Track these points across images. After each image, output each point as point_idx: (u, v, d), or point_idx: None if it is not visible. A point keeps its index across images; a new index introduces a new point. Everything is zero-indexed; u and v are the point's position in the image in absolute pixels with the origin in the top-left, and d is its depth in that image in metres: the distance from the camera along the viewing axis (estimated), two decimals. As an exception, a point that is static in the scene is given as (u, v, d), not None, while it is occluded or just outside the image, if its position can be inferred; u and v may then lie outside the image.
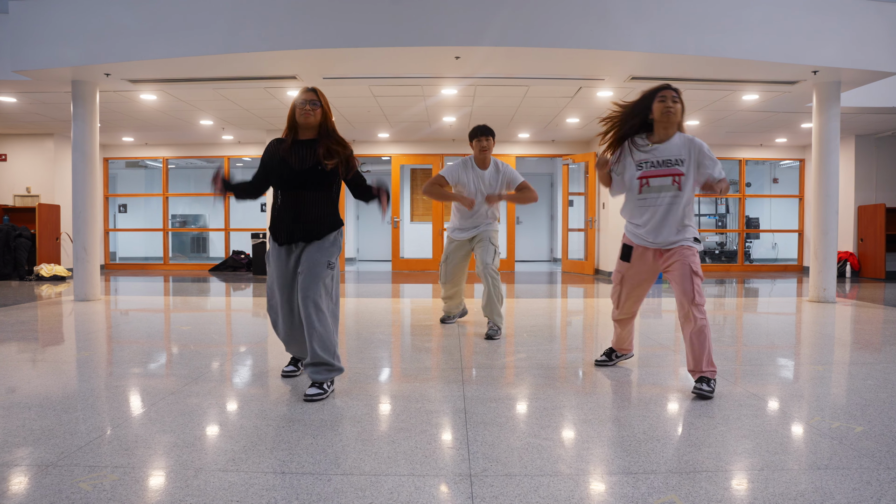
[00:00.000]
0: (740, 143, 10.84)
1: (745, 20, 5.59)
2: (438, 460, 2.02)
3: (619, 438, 2.24)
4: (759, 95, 7.13)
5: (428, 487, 1.81)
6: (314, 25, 5.44)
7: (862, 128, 9.33)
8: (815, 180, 6.58)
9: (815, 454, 2.08)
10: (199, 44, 5.63)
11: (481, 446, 2.14)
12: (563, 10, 5.30)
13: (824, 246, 6.53)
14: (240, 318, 5.86)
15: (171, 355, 3.74)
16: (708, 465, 1.96)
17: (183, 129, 9.68)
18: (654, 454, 2.06)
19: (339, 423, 2.40)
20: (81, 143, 6.52)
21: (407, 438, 2.22)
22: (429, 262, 11.28)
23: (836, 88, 6.40)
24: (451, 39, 5.30)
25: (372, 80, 6.53)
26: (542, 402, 2.68)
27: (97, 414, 2.50)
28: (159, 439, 2.19)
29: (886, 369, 3.37)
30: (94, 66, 5.98)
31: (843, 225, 10.20)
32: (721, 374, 3.17)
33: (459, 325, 4.78)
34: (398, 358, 3.68)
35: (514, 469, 1.95)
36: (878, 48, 5.93)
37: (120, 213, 13.97)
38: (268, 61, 5.90)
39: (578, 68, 6.05)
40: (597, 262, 10.35)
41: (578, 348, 4.04)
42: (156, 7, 5.67)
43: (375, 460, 2.02)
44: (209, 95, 7.38)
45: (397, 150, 11.06)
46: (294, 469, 1.94)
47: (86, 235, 6.59)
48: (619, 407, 2.65)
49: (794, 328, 5.16)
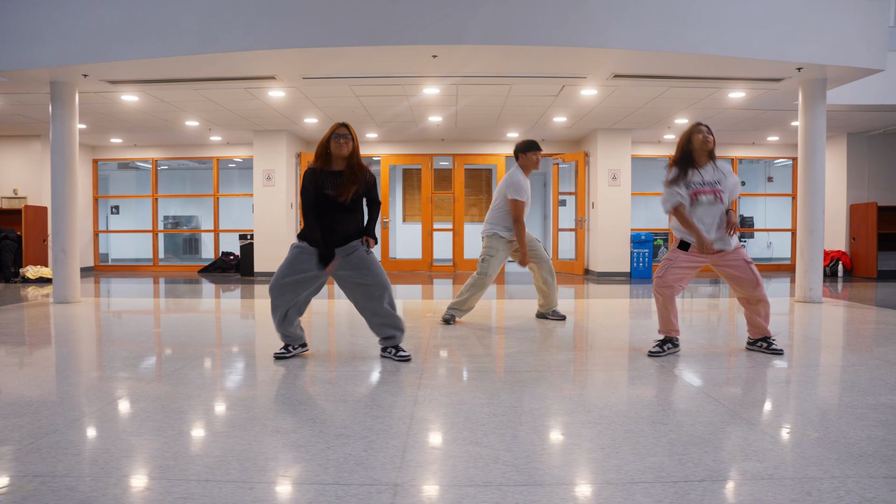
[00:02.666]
0: (732, 141, 10.75)
1: (727, 17, 5.51)
2: (369, 468, 1.95)
3: (564, 448, 2.17)
4: (745, 93, 7.05)
5: (348, 497, 1.75)
6: (291, 25, 5.38)
7: (854, 126, 9.23)
8: (801, 178, 6.50)
9: (762, 462, 2.01)
10: (175, 44, 5.59)
11: (417, 454, 2.08)
12: (540, 8, 5.23)
13: (810, 245, 6.44)
14: (211, 319, 5.80)
15: (128, 358, 3.69)
16: (646, 477, 1.89)
17: (170, 130, 9.64)
18: (595, 464, 2.00)
19: (281, 428, 2.35)
20: (60, 145, 6.48)
21: (344, 445, 2.16)
22: (418, 262, 11.22)
23: (821, 86, 6.32)
24: (428, 38, 5.24)
25: (352, 79, 6.47)
26: (494, 408, 2.61)
27: (38, 420, 2.44)
28: (92, 445, 2.13)
29: (857, 372, 3.30)
30: (72, 67, 5.94)
31: (835, 224, 10.11)
32: (685, 377, 3.10)
33: (433, 328, 4.72)
34: (360, 361, 3.62)
35: (444, 479, 1.88)
36: (862, 45, 5.84)
37: (112, 214, 13.96)
38: (246, 61, 5.84)
39: (559, 66, 5.98)
40: (586, 261, 10.27)
41: (549, 352, 3.97)
42: (131, 7, 5.62)
43: (306, 467, 1.96)
44: (191, 96, 7.34)
45: (386, 151, 11.00)
46: (219, 477, 1.88)
47: (65, 237, 6.55)
48: (572, 413, 2.58)
49: (777, 329, 5.07)
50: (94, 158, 11.50)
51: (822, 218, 6.46)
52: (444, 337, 4.36)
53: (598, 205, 9.75)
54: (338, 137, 3.32)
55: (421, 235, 11.21)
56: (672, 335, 3.66)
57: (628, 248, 9.64)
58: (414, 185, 13.13)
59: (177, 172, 14.38)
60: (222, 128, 9.51)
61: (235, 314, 6.21)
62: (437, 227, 11.13)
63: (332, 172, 3.35)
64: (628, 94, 7.17)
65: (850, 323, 5.21)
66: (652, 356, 3.61)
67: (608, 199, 9.68)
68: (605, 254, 9.68)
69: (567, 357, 3.79)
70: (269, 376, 3.23)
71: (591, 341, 4.37)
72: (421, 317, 5.45)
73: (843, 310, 5.94)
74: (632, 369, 3.38)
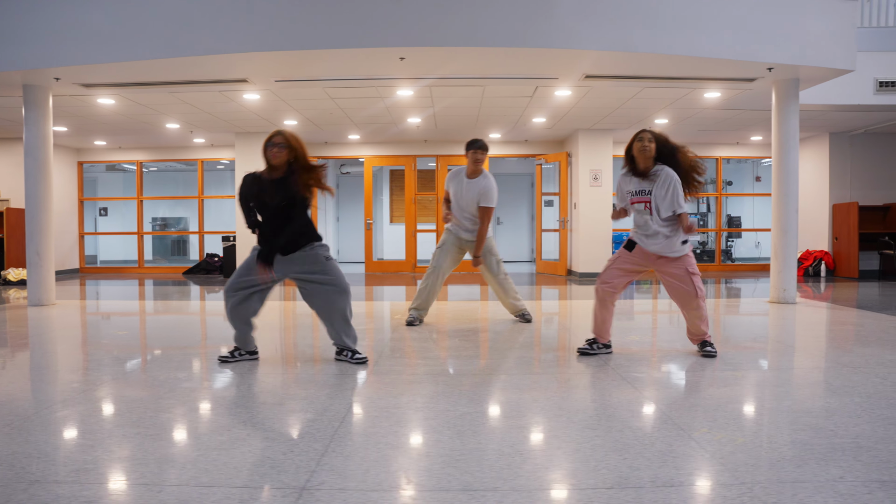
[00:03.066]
0: (716, 141, 10.75)
1: (697, 17, 5.51)
2: (282, 472, 1.95)
3: (483, 453, 2.17)
4: (720, 93, 7.05)
5: (252, 501, 1.75)
6: (260, 29, 5.38)
7: (835, 126, 9.23)
8: (775, 178, 6.50)
9: (678, 469, 2.01)
10: (147, 48, 5.58)
11: (335, 457, 2.08)
12: (506, 10, 5.23)
13: (784, 245, 6.44)
14: (179, 321, 5.80)
15: (86, 361, 3.68)
16: (556, 484, 1.89)
17: (152, 132, 9.64)
18: (508, 470, 1.99)
19: (211, 430, 2.34)
20: (34, 148, 6.48)
21: (266, 448, 2.17)
22: (401, 263, 11.21)
23: (794, 86, 6.31)
24: (394, 41, 5.24)
25: (325, 81, 6.47)
26: (427, 413, 2.61)
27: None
28: (14, 450, 2.13)
29: (806, 376, 3.30)
30: (43, 70, 5.94)
31: (818, 223, 10.11)
32: (628, 381, 3.10)
33: (395, 330, 4.72)
34: (312, 364, 3.61)
35: (353, 483, 1.88)
36: (832, 46, 5.84)
37: (101, 216, 13.97)
38: (217, 65, 5.84)
39: (530, 68, 5.97)
40: (569, 262, 10.27)
41: (501, 355, 3.96)
42: (102, 10, 5.62)
43: (220, 470, 1.96)
44: (167, 99, 7.34)
45: (369, 152, 11.00)
46: (134, 479, 1.89)
47: (39, 240, 6.55)
48: (504, 418, 2.57)
49: (740, 331, 5.07)
50: (80, 161, 11.51)
51: (796, 218, 6.46)
52: (402, 339, 4.36)
53: (579, 205, 9.75)
54: (272, 146, 3.30)
55: (404, 237, 11.20)
56: (601, 340, 3.71)
57: (610, 249, 9.63)
58: (401, 186, 13.13)
59: (166, 174, 14.38)
60: (204, 130, 9.51)
61: (205, 316, 6.20)
62: (420, 229, 11.13)
63: (272, 180, 3.34)
64: (604, 94, 7.17)
65: (818, 325, 5.20)
66: (582, 354, 3.67)
67: (590, 200, 9.68)
68: (586, 254, 9.67)
69: (516, 360, 3.78)
70: (217, 378, 3.22)
71: (548, 344, 4.37)
72: (385, 318, 5.45)
73: (814, 311, 5.93)
74: (578, 373, 3.38)
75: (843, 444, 2.22)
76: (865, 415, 2.56)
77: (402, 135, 10.04)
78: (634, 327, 5.04)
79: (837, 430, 2.38)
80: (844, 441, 2.24)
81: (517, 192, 14.17)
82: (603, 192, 9.67)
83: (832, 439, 2.27)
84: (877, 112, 8.08)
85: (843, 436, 2.31)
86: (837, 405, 2.71)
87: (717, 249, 11.50)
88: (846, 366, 3.52)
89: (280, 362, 3.65)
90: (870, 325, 5.02)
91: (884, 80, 7.32)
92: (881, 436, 2.30)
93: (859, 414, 2.57)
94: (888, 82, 7.33)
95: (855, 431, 2.35)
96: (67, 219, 11.28)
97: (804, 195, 10.43)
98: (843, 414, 2.58)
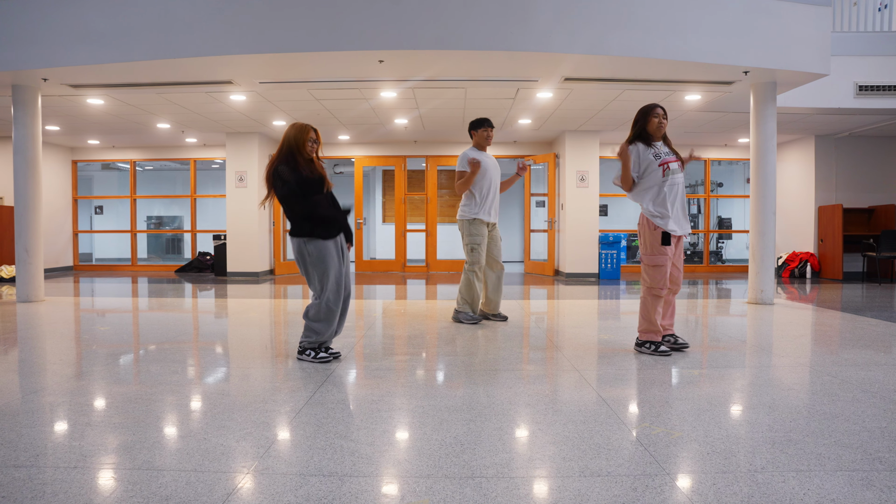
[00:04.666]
0: (704, 143, 10.83)
1: (673, 21, 5.60)
2: (231, 457, 2.05)
3: (423, 443, 2.25)
4: (700, 96, 7.13)
5: (197, 483, 1.85)
6: (243, 31, 5.48)
7: (821, 128, 9.31)
8: (753, 180, 6.58)
9: (609, 461, 2.09)
10: (133, 49, 5.68)
11: (286, 445, 2.19)
12: (482, 14, 5.32)
13: (761, 247, 6.52)
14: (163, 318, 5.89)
15: (61, 354, 3.78)
16: (487, 472, 1.98)
17: (144, 132, 9.74)
18: (445, 459, 2.08)
19: (172, 419, 2.44)
20: (22, 148, 6.58)
21: (220, 436, 2.27)
22: (391, 263, 11.30)
23: (771, 89, 6.40)
24: (373, 43, 5.33)
25: (309, 83, 6.56)
26: (381, 405, 2.70)
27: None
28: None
29: (759, 374, 3.39)
30: (31, 71, 6.04)
31: (803, 226, 10.19)
32: (583, 378, 3.18)
33: (371, 327, 4.80)
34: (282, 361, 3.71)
35: (295, 468, 1.98)
36: (808, 50, 5.93)
37: (96, 214, 14.08)
38: (202, 66, 5.94)
39: (508, 70, 6.06)
40: (556, 262, 10.36)
41: (472, 352, 4.05)
42: (88, 12, 5.72)
43: (175, 456, 2.07)
44: (156, 100, 7.43)
45: (360, 153, 11.09)
46: (90, 464, 1.99)
47: (27, 238, 6.66)
48: (456, 411, 2.66)
49: (711, 331, 5.16)
50: (74, 160, 11.61)
51: (774, 220, 6.54)
52: (378, 337, 4.45)
53: (566, 206, 9.83)
54: (314, 143, 3.56)
55: (394, 236, 11.30)
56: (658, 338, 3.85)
57: (597, 250, 9.72)
58: (392, 186, 13.21)
59: (162, 173, 14.48)
60: (195, 130, 9.60)
61: (189, 313, 6.30)
62: (410, 228, 11.22)
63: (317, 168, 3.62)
64: (585, 96, 7.25)
65: (789, 325, 5.28)
66: (664, 354, 3.78)
67: (577, 201, 9.76)
68: (573, 255, 9.76)
69: (485, 357, 3.87)
70: (193, 370, 3.32)
71: (523, 342, 4.45)
72: (367, 315, 5.54)
73: (789, 312, 6.01)
74: (540, 368, 3.47)
75: (775, 437, 2.31)
76: (805, 410, 2.65)
77: (391, 135, 10.13)
78: (613, 327, 5.13)
79: (774, 425, 2.47)
80: (777, 435, 2.33)
81: (510, 193, 14.17)
82: (589, 193, 9.75)
83: (766, 434, 2.35)
84: (859, 116, 8.16)
85: (778, 430, 2.39)
86: (781, 401, 2.80)
87: (706, 250, 11.59)
88: (803, 365, 3.61)
89: (264, 356, 3.73)
90: (839, 325, 5.11)
91: (863, 84, 7.40)
92: (813, 430, 2.39)
93: (799, 410, 2.66)
94: (868, 86, 7.41)
95: (790, 426, 2.43)
96: (61, 217, 11.38)
97: (790, 197, 10.53)
98: (783, 409, 2.67)
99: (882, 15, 7.84)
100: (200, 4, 5.54)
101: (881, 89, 7.45)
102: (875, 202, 9.81)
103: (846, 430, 2.39)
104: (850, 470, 2.00)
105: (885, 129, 9.12)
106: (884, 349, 4.01)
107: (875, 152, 9.81)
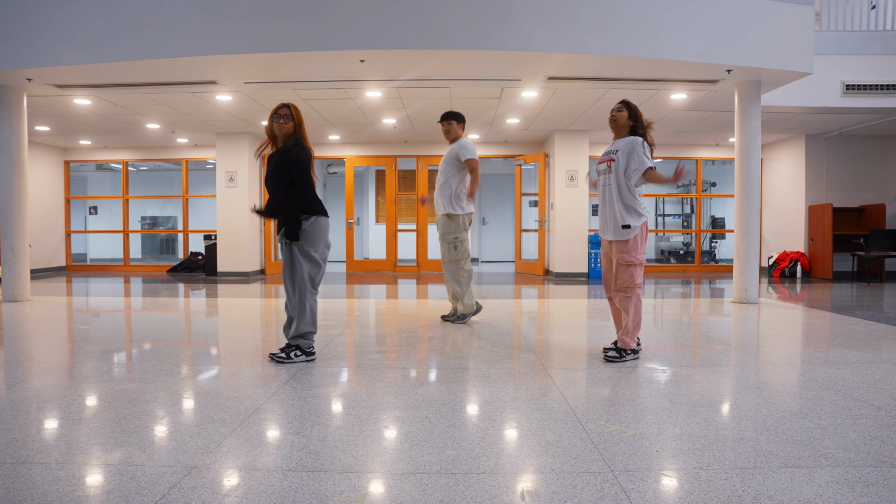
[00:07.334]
0: (695, 142, 10.83)
1: (654, 20, 5.60)
2: (182, 452, 2.07)
3: (376, 439, 2.25)
4: (686, 94, 7.13)
5: (143, 477, 1.87)
6: (226, 32, 5.49)
7: (811, 127, 9.29)
8: (737, 179, 6.57)
9: (556, 458, 2.09)
10: (116, 50, 5.70)
11: (238, 441, 2.19)
12: (462, 13, 5.32)
13: (745, 246, 6.52)
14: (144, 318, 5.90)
15: (37, 352, 3.78)
16: (433, 468, 1.98)
17: (134, 132, 9.76)
18: (396, 454, 2.08)
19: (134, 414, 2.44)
20: (8, 148, 6.60)
21: (177, 432, 2.29)
22: (382, 262, 11.31)
23: (755, 88, 6.39)
24: (353, 43, 5.34)
25: (293, 83, 6.57)
26: (341, 402, 2.71)
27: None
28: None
29: (727, 372, 3.38)
30: (15, 71, 6.06)
31: (794, 225, 10.17)
32: (549, 377, 3.18)
33: (350, 327, 4.80)
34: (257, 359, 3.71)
35: (238, 463, 1.99)
36: (791, 49, 5.92)
37: (91, 215, 14.11)
38: (186, 67, 5.95)
39: (491, 70, 6.06)
40: (547, 262, 10.36)
41: (444, 351, 4.05)
42: (72, 12, 5.73)
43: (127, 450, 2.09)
44: (142, 100, 7.45)
45: (351, 152, 11.10)
46: (44, 459, 2.01)
47: (13, 238, 6.68)
48: (414, 408, 2.66)
49: (690, 330, 5.15)
50: (66, 160, 11.63)
51: (758, 219, 6.53)
52: (352, 336, 4.45)
53: (556, 206, 9.83)
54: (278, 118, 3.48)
55: (385, 236, 11.30)
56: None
57: (586, 249, 9.71)
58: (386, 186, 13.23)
59: (156, 174, 14.51)
60: (185, 130, 9.62)
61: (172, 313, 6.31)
62: (401, 228, 11.23)
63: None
64: (571, 95, 7.25)
65: (769, 324, 5.27)
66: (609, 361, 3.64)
67: (566, 200, 9.76)
68: (563, 254, 9.76)
69: (456, 355, 3.87)
70: (164, 369, 3.32)
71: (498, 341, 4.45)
72: (346, 314, 5.54)
73: (773, 311, 6.00)
74: (507, 367, 3.46)
75: (727, 436, 2.31)
76: (765, 408, 2.65)
77: (382, 135, 10.13)
78: (591, 326, 5.12)
79: (730, 423, 2.47)
80: (730, 433, 2.33)
81: (502, 193, 14.25)
82: (579, 193, 9.75)
83: (720, 431, 2.35)
84: (847, 115, 8.15)
85: (732, 428, 2.39)
86: (743, 400, 2.80)
87: (698, 250, 11.58)
88: (772, 363, 3.60)
89: (236, 355, 3.74)
90: (818, 324, 5.10)
91: (850, 83, 7.39)
92: (768, 427, 2.39)
93: (759, 408, 2.66)
94: (854, 85, 7.40)
95: (745, 424, 2.43)
96: (54, 217, 11.41)
97: (781, 197, 10.52)
98: (744, 408, 2.67)
99: (871, 14, 7.83)
100: (184, 5, 5.55)
101: (868, 88, 7.45)
102: (865, 201, 9.80)
103: (800, 427, 2.39)
104: (794, 467, 2.00)
105: (875, 129, 9.11)
106: (856, 347, 4.01)
107: (865, 151, 9.80)
